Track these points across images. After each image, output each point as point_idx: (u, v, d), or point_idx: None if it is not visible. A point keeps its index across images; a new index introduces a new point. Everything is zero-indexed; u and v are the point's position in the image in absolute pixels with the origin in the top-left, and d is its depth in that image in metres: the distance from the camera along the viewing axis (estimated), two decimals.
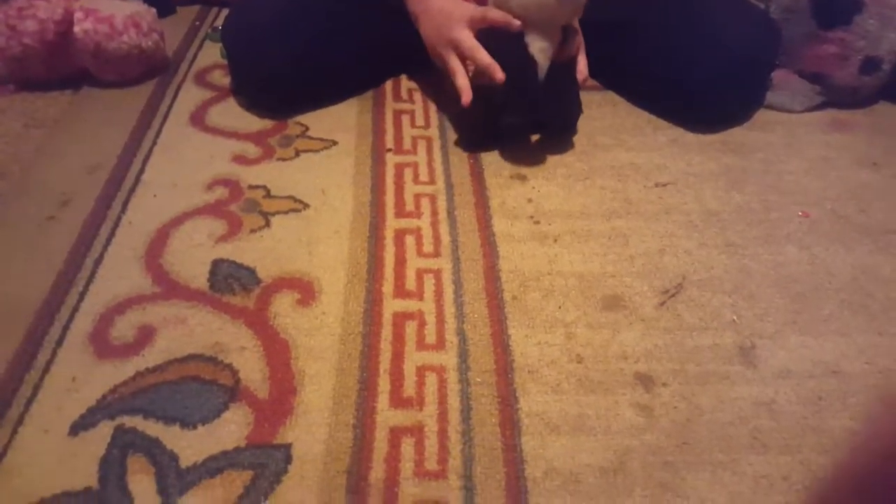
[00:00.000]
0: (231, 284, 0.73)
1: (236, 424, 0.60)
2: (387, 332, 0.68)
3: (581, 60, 0.90)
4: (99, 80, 1.03)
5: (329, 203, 0.83)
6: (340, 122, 0.97)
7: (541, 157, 0.91)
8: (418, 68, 1.08)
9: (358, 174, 0.88)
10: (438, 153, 0.92)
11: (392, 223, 0.81)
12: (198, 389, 0.63)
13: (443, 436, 0.60)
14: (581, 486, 0.56)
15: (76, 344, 0.66)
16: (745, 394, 0.64)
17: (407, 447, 0.59)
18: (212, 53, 1.13)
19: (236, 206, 0.83)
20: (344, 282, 0.73)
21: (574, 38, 0.86)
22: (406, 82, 1.07)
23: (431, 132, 0.96)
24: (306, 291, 0.72)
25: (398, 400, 0.62)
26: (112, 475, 0.56)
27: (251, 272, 0.74)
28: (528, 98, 0.86)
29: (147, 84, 1.05)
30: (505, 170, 0.89)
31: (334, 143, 0.93)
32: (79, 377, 0.64)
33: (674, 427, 0.61)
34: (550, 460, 0.58)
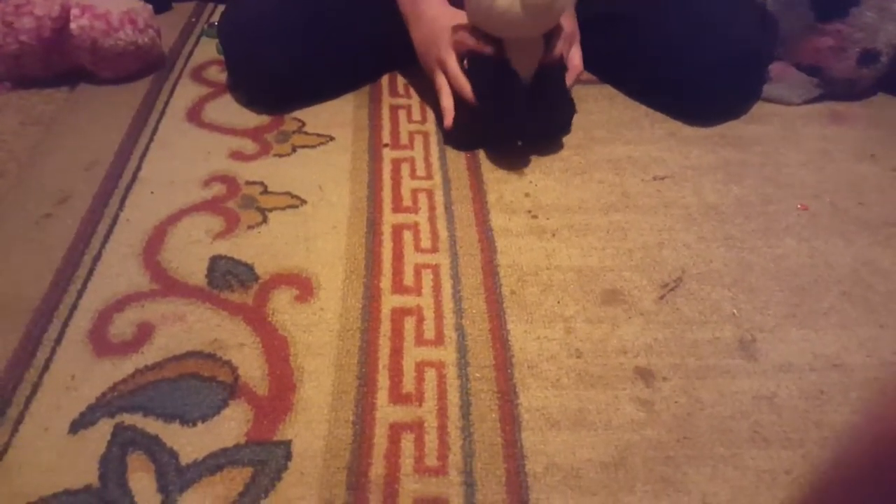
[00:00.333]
0: (229, 281, 0.72)
1: (236, 421, 0.60)
2: (385, 328, 0.68)
3: (575, 53, 0.89)
4: (95, 77, 1.03)
5: (326, 199, 0.83)
6: (337, 118, 0.97)
7: (538, 152, 0.91)
8: (414, 64, 1.07)
9: (355, 170, 0.88)
10: (435, 148, 0.92)
11: (389, 218, 0.81)
12: (197, 386, 0.63)
13: (442, 432, 0.60)
14: (582, 482, 0.56)
15: (75, 342, 0.66)
16: (746, 387, 0.64)
17: (407, 443, 0.59)
18: (208, 50, 1.13)
19: (233, 203, 0.82)
20: (342, 278, 0.73)
21: (557, 41, 0.83)
22: (402, 77, 1.07)
23: (428, 127, 0.96)
24: (304, 288, 0.72)
25: (397, 396, 0.62)
26: (112, 473, 0.56)
27: (249, 268, 0.74)
28: (510, 121, 0.86)
29: (143, 80, 1.05)
30: (502, 164, 0.89)
31: (331, 139, 0.93)
32: (78, 375, 0.63)
33: (674, 421, 0.61)
34: (551, 455, 0.58)
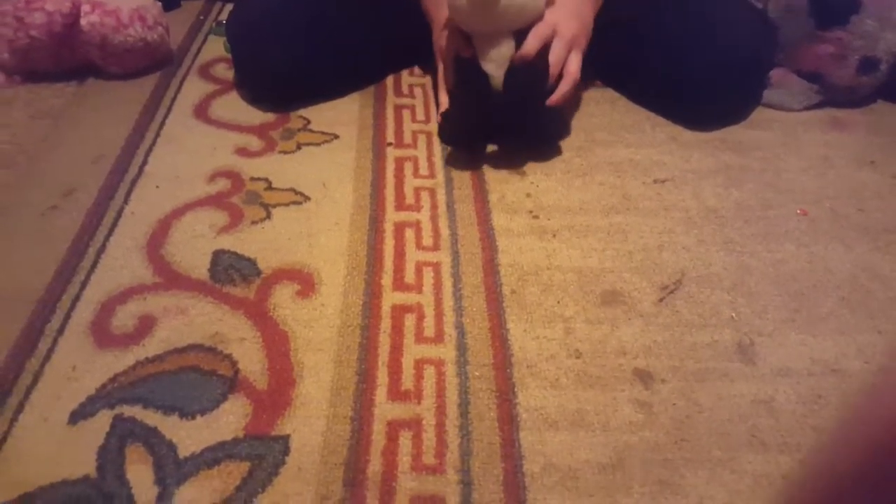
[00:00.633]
0: (231, 275, 0.73)
1: (235, 415, 0.60)
2: (385, 325, 0.68)
3: (573, 60, 0.86)
4: (104, 73, 1.04)
5: (330, 196, 0.84)
6: (342, 116, 0.98)
7: (540, 153, 0.91)
8: (420, 63, 1.08)
9: (358, 167, 0.88)
10: (438, 147, 0.92)
11: (392, 216, 0.81)
12: (197, 380, 0.63)
13: (441, 430, 0.60)
14: (579, 483, 0.56)
15: (77, 333, 0.67)
16: (744, 391, 0.64)
17: (405, 441, 0.59)
18: (215, 47, 1.13)
19: (238, 198, 0.83)
20: (343, 274, 0.73)
21: (534, 40, 0.81)
22: (407, 78, 1.07)
23: (431, 127, 0.96)
24: (306, 283, 0.72)
25: (396, 393, 0.62)
26: (110, 464, 0.56)
27: (252, 263, 0.74)
28: (479, 119, 0.87)
29: (151, 76, 1.05)
30: (504, 165, 0.89)
31: (336, 137, 0.94)
32: (79, 366, 0.64)
33: (673, 424, 0.61)
34: (549, 456, 0.58)
